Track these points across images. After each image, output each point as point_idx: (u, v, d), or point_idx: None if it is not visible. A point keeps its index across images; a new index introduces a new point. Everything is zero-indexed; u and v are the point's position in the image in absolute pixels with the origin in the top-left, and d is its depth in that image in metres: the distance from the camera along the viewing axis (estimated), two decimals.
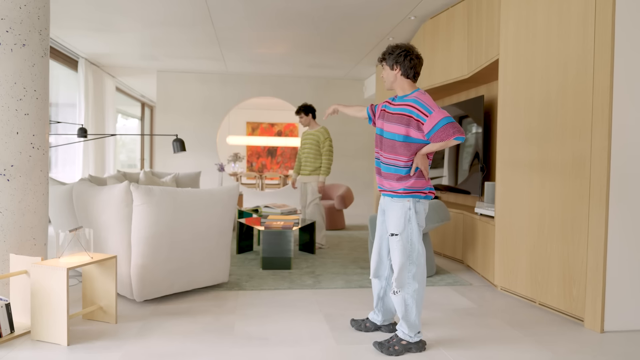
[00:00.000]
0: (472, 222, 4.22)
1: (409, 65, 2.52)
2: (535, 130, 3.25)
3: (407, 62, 2.52)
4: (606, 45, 2.73)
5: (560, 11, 3.04)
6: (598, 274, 2.79)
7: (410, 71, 2.53)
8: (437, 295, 3.49)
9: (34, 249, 2.89)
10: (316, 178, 5.14)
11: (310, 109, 5.19)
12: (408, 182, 2.47)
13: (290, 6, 4.78)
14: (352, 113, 2.92)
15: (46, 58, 2.98)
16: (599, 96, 2.78)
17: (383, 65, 2.59)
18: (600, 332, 2.78)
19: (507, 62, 3.54)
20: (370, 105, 2.82)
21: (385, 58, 2.56)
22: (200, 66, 7.83)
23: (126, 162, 11.58)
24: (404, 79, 2.55)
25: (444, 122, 2.37)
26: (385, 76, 2.59)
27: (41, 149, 2.93)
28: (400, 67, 2.53)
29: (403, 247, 2.47)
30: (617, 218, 2.77)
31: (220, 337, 2.63)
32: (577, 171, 2.92)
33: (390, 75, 2.56)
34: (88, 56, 7.10)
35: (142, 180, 5.10)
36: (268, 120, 12.73)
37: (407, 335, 2.47)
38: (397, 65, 2.53)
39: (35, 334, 2.52)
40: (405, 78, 2.54)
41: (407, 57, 2.51)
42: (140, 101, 11.15)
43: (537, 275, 3.23)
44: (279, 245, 4.19)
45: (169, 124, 8.40)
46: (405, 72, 2.53)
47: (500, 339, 2.66)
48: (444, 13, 4.84)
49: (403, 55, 2.51)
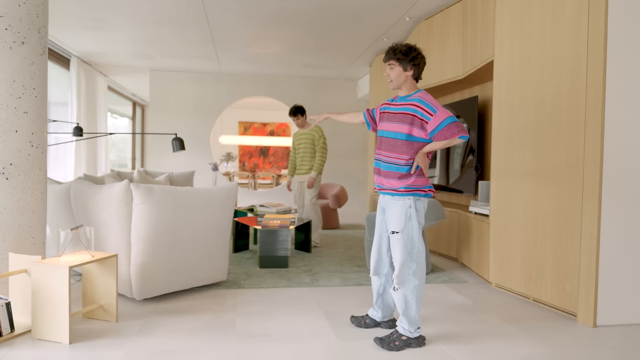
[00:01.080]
0: (467, 220, 4.29)
1: (421, 68, 2.56)
2: (530, 130, 3.31)
3: (421, 65, 2.56)
4: (599, 47, 2.80)
5: (554, 14, 3.11)
6: (591, 270, 2.86)
7: (420, 73, 2.58)
8: (434, 293, 3.54)
9: (33, 248, 2.88)
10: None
11: (304, 109, 5.22)
12: (409, 181, 2.51)
13: (286, 6, 4.81)
14: (347, 120, 2.91)
15: (45, 56, 2.98)
16: (592, 97, 2.85)
17: (392, 65, 2.55)
18: (592, 327, 2.85)
19: (502, 64, 3.60)
20: (367, 111, 2.83)
21: (400, 59, 2.52)
22: (194, 65, 7.82)
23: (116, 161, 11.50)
24: (412, 80, 2.58)
25: (449, 121, 2.42)
26: (395, 76, 2.55)
27: (40, 147, 2.92)
28: (414, 69, 2.55)
29: (404, 244, 2.51)
30: (609, 216, 2.84)
31: (223, 335, 2.65)
32: (571, 170, 2.99)
33: (401, 76, 2.55)
34: (80, 54, 7.05)
35: (136, 179, 5.09)
36: (260, 120, 12.73)
37: (407, 331, 2.51)
38: (411, 68, 2.54)
39: (36, 332, 2.52)
40: (413, 79, 2.58)
41: (422, 60, 2.55)
42: (132, 100, 11.09)
43: (532, 272, 3.30)
44: (276, 244, 4.22)
45: (162, 123, 8.37)
46: (415, 74, 2.56)
47: (497, 334, 2.72)
48: (439, 14, 4.90)
49: (419, 58, 2.54)
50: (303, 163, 5.22)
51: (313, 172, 5.09)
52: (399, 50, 2.52)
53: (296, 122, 5.26)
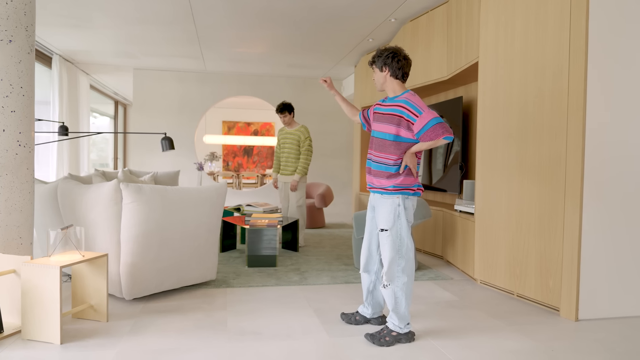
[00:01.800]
0: (452, 219, 4.37)
1: (397, 66, 2.63)
2: (514, 130, 3.40)
3: (394, 63, 2.62)
4: (580, 50, 2.90)
5: (537, 17, 3.20)
6: (573, 266, 2.96)
7: (398, 72, 2.64)
8: (421, 290, 3.61)
9: (20, 248, 2.85)
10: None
11: (292, 107, 5.23)
12: (397, 180, 2.56)
13: (273, 6, 4.83)
14: (345, 110, 3.01)
15: (32, 54, 2.95)
16: (574, 99, 2.94)
17: (373, 68, 2.70)
18: (575, 321, 2.94)
19: (486, 65, 3.69)
20: (362, 111, 2.91)
21: (375, 61, 2.67)
22: (179, 64, 7.77)
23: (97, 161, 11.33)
24: (394, 80, 2.65)
25: (434, 122, 2.48)
26: (376, 78, 2.69)
27: (27, 147, 2.89)
28: (389, 68, 2.63)
29: (393, 242, 2.56)
30: (590, 213, 2.94)
31: (214, 333, 2.66)
32: (553, 170, 3.08)
33: (380, 77, 2.67)
34: (63, 53, 6.95)
35: (120, 179, 5.05)
36: (244, 120, 12.69)
37: (397, 327, 2.57)
38: (386, 67, 2.64)
39: (26, 333, 2.50)
40: (394, 79, 2.65)
41: (394, 59, 2.62)
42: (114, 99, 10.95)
43: (516, 268, 3.39)
44: (264, 243, 4.24)
45: (146, 122, 8.30)
46: (394, 73, 2.64)
47: (484, 329, 2.79)
48: (424, 16, 4.98)
49: (391, 57, 2.62)
50: (288, 163, 5.23)
51: (296, 175, 5.09)
52: (375, 53, 2.67)
53: (283, 119, 5.23)
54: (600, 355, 2.44)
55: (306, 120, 8.79)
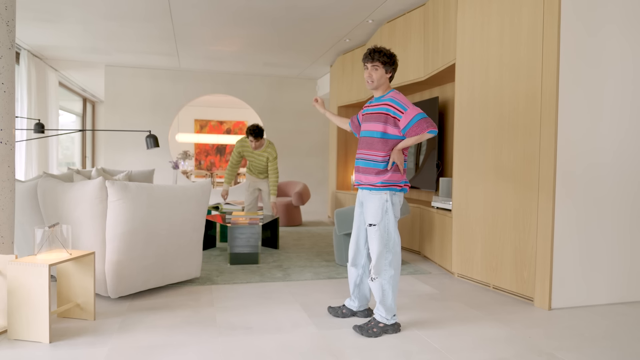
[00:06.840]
0: (430, 215, 4.52)
1: (395, 69, 2.80)
2: (490, 130, 3.56)
3: (395, 66, 2.79)
4: (553, 53, 3.07)
5: (512, 21, 3.36)
6: (546, 258, 3.13)
7: (393, 74, 2.82)
8: (402, 284, 3.73)
9: (3, 247, 2.79)
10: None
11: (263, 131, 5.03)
12: (385, 176, 2.66)
13: (252, 5, 4.85)
14: (336, 123, 3.18)
15: (13, 50, 2.89)
16: (547, 99, 3.11)
17: (377, 66, 2.72)
18: (548, 310, 3.12)
19: (463, 67, 3.84)
20: (352, 119, 3.06)
21: (385, 62, 2.71)
22: (152, 62, 7.66)
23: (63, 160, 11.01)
24: (387, 81, 2.78)
25: (418, 117, 2.59)
26: (378, 77, 2.74)
27: (8, 144, 2.84)
28: (393, 72, 2.78)
29: (380, 236, 2.65)
30: (563, 209, 3.12)
31: (204, 328, 2.69)
32: (527, 167, 3.25)
33: (382, 78, 2.75)
34: (31, 48, 6.75)
35: (94, 177, 4.96)
36: (217, 118, 12.59)
37: (384, 318, 2.66)
38: (391, 71, 2.77)
39: (13, 333, 2.46)
40: (388, 80, 2.79)
41: (396, 62, 2.79)
42: (82, 96, 10.67)
43: (492, 261, 3.55)
44: (246, 241, 4.27)
45: (117, 120, 8.14)
46: (391, 75, 2.79)
47: (464, 319, 2.92)
48: (401, 18, 5.10)
49: (395, 60, 2.77)
50: (260, 169, 5.24)
51: (272, 197, 5.11)
52: (384, 53, 2.71)
53: (253, 143, 5.02)
54: (572, 340, 2.61)
55: (281, 118, 8.82)
